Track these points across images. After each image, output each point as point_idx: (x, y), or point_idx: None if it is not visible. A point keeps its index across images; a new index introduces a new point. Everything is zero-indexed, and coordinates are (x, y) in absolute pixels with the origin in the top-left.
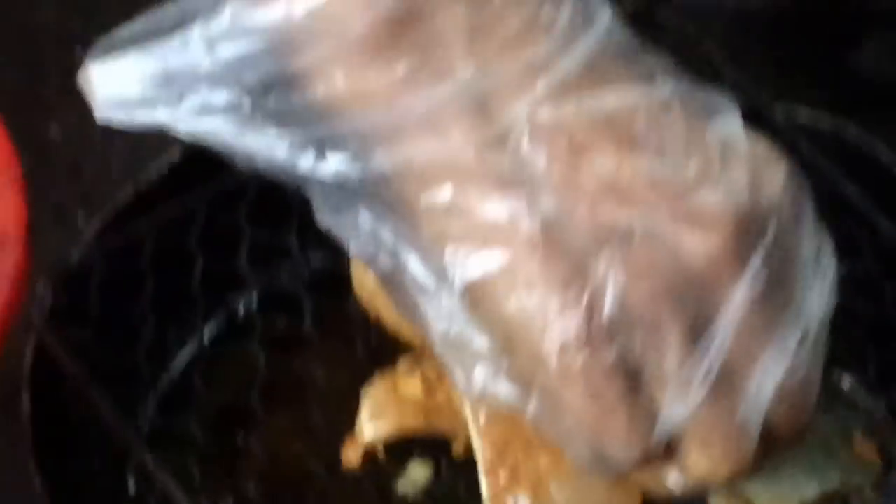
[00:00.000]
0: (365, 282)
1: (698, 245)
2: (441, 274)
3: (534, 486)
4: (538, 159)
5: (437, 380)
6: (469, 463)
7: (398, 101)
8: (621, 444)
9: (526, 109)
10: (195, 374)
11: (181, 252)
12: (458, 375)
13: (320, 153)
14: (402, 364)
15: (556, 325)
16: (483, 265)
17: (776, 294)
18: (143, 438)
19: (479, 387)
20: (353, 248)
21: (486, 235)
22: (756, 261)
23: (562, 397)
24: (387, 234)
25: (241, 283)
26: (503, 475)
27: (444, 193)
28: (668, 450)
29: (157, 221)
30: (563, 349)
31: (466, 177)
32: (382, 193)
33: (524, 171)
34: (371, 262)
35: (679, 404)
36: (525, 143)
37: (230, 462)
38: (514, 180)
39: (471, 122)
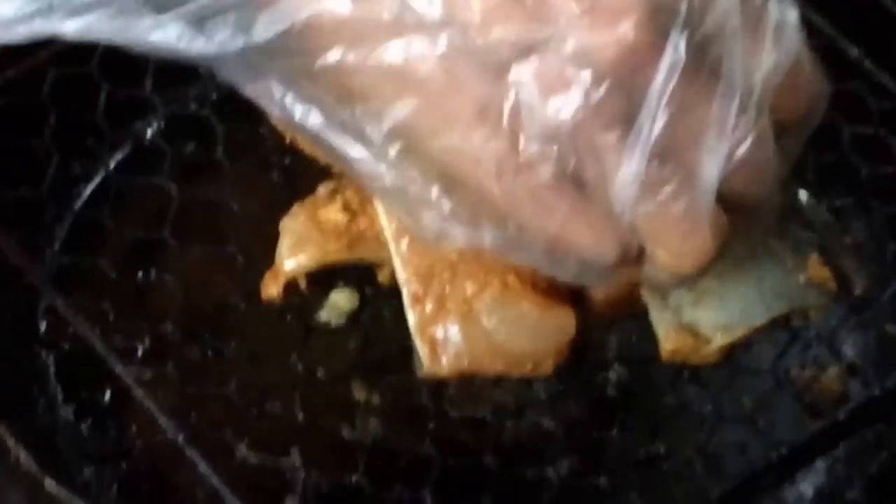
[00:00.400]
0: None
1: (607, 40)
2: (359, 132)
3: (462, 314)
4: None
5: (359, 205)
6: (396, 290)
7: None
8: (595, 246)
9: None
10: (103, 209)
11: (82, 80)
12: (410, 223)
13: (199, 32)
14: (322, 190)
15: (485, 156)
16: (396, 115)
17: (701, 71)
18: (51, 279)
19: (433, 231)
20: (274, 113)
21: (390, 85)
22: (672, 42)
23: (518, 222)
24: (299, 101)
25: (146, 110)
26: (429, 305)
27: (332, 54)
28: (641, 252)
29: (55, 49)
30: (500, 175)
31: (351, 31)
32: (278, 64)
33: (408, 10)
34: (294, 127)
35: (625, 199)
36: None
37: (145, 299)
38: (399, 23)
39: None
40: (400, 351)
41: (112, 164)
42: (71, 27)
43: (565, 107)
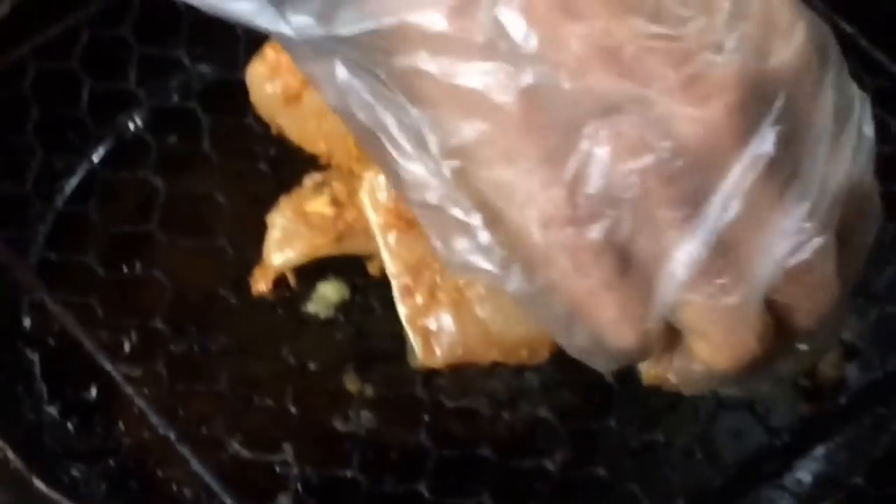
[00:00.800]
0: (264, 93)
1: (696, 116)
2: (419, 139)
3: (454, 303)
4: (516, 24)
5: (347, 197)
6: (386, 281)
7: None
8: (615, 328)
9: None
10: (88, 203)
11: (65, 74)
12: (437, 244)
13: (281, 11)
14: (309, 182)
15: (538, 201)
16: (462, 134)
17: (782, 167)
18: (36, 274)
19: (459, 259)
20: (329, 98)
21: (465, 104)
22: (760, 133)
23: (547, 275)
24: (363, 91)
25: (130, 102)
26: (420, 296)
27: (416, 59)
28: (673, 339)
29: (37, 42)
30: (546, 225)
31: (440, 44)
32: (353, 53)
33: (503, 37)
34: (346, 116)
35: (673, 282)
36: (501, 7)
37: (132, 293)
38: (490, 47)
39: None
40: (392, 342)
41: (96, 158)
42: None
43: (637, 172)
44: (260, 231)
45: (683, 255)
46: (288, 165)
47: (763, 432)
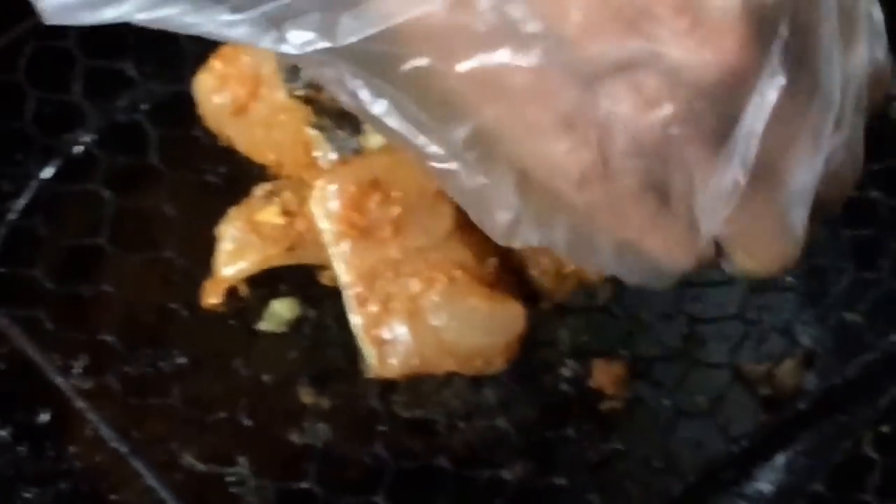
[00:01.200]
0: (211, 104)
1: (707, 59)
2: (440, 133)
3: (409, 312)
4: (516, 6)
5: (297, 206)
6: (339, 291)
7: None
8: (668, 255)
9: None
10: (36, 219)
11: (9, 89)
12: (481, 221)
13: (282, 30)
14: (259, 192)
15: (568, 165)
16: (482, 120)
17: (801, 83)
18: None
19: (504, 231)
20: (344, 102)
21: (478, 92)
22: (773, 58)
23: (595, 229)
24: (375, 96)
25: (77, 117)
26: (374, 306)
27: (420, 61)
28: (719, 249)
29: None
30: (580, 186)
31: (443, 39)
32: (359, 61)
33: (505, 21)
34: (364, 118)
35: (717, 208)
36: None
37: (83, 309)
38: (494, 34)
39: None
40: (347, 353)
41: (45, 174)
42: (141, 17)
43: (660, 122)
44: (211, 244)
45: (719, 183)
46: (238, 177)
47: (722, 440)
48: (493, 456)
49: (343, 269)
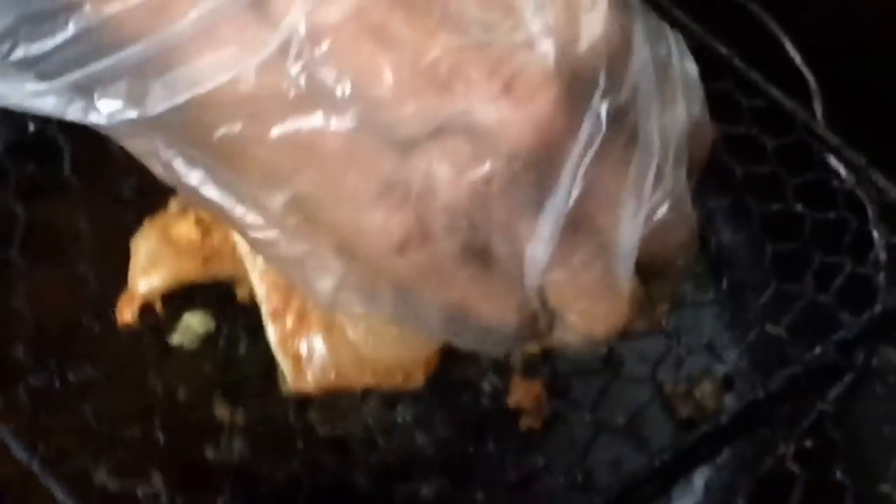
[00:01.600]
0: None
1: (522, 119)
2: (258, 202)
3: (325, 326)
4: (326, 70)
5: (212, 220)
6: (255, 306)
7: (166, 14)
8: (498, 318)
9: (304, 11)
10: None
11: None
12: (303, 288)
13: (89, 99)
14: (174, 205)
15: (388, 230)
16: (297, 188)
17: (619, 138)
18: None
19: (327, 299)
20: (157, 172)
21: (292, 158)
22: (589, 115)
23: (420, 295)
24: (190, 167)
25: None
26: (290, 319)
27: (231, 128)
28: (552, 317)
29: None
30: (401, 250)
31: (253, 105)
32: (170, 130)
33: (316, 86)
34: (180, 189)
35: (536, 265)
36: (307, 53)
37: None
38: (305, 99)
39: (248, 36)
40: (263, 368)
41: None
42: None
43: (476, 185)
44: (124, 258)
45: (538, 240)
46: (152, 190)
47: (643, 456)
48: (410, 472)
49: (259, 282)
